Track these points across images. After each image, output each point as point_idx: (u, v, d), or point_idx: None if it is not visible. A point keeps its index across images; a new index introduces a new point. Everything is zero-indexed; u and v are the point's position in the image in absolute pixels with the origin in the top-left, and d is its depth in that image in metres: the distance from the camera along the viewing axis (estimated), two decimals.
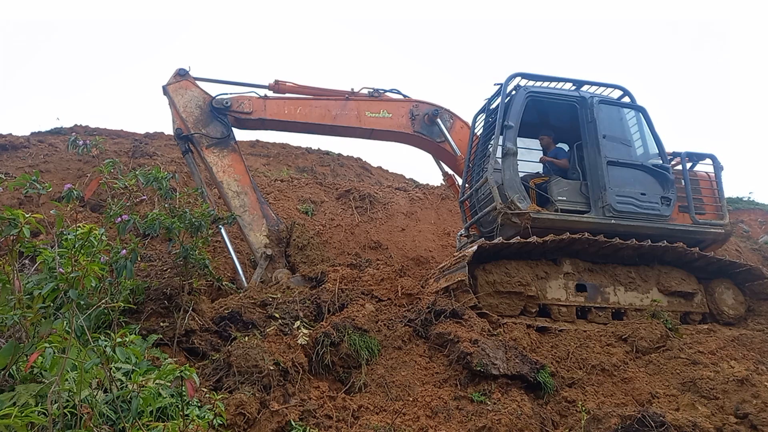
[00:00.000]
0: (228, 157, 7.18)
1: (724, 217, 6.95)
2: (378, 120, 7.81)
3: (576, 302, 6.09)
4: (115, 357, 2.72)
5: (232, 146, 7.28)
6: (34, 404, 2.65)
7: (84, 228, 2.85)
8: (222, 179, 7.07)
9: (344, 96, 7.79)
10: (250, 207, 7.02)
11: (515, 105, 6.75)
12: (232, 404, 3.63)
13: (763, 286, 6.68)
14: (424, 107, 8.05)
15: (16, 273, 2.86)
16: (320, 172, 15.14)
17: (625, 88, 7.34)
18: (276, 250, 6.95)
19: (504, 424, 3.90)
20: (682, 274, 6.58)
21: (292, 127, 7.81)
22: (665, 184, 6.70)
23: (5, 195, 8.47)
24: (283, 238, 7.11)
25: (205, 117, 7.27)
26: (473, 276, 5.92)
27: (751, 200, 15.83)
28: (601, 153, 6.57)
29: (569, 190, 6.64)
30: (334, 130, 7.85)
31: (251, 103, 7.44)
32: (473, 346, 4.66)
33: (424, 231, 10.86)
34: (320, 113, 7.63)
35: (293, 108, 7.59)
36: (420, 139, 8.01)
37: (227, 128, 7.32)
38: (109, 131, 14.20)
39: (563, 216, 6.36)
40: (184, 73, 7.40)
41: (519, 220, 6.19)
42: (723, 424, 4.01)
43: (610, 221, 6.35)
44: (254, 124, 7.67)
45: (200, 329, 4.85)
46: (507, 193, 6.33)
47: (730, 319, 6.51)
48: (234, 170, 7.12)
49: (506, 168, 6.47)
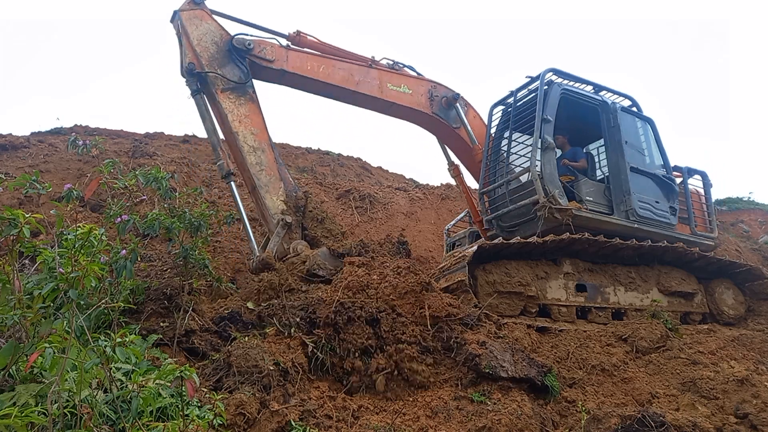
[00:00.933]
0: (245, 106, 6.32)
1: (714, 230, 7.50)
2: (399, 94, 7.35)
3: (576, 302, 6.09)
4: (115, 357, 2.72)
5: (250, 95, 6.40)
6: (34, 404, 2.65)
7: (84, 228, 2.85)
8: (237, 130, 6.18)
9: (367, 62, 7.29)
10: (268, 166, 6.18)
11: (551, 100, 6.69)
12: (232, 404, 3.63)
13: (763, 286, 6.70)
14: (442, 90, 7.72)
15: (16, 273, 2.86)
16: (320, 172, 15.15)
17: (633, 98, 7.47)
18: (294, 219, 6.11)
19: (504, 424, 3.90)
20: (682, 274, 6.60)
21: (312, 85, 7.03)
22: (671, 194, 6.96)
23: (5, 195, 8.47)
24: (301, 206, 6.26)
25: (222, 56, 6.33)
26: (473, 276, 5.91)
27: (751, 200, 15.85)
28: (625, 158, 6.69)
29: (595, 191, 6.71)
30: (354, 96, 7.21)
31: (274, 50, 6.65)
32: (481, 348, 4.65)
33: (424, 231, 10.87)
34: (343, 76, 6.98)
35: (316, 65, 6.85)
36: (437, 122, 7.67)
37: (246, 73, 6.42)
38: (109, 131, 14.19)
39: (596, 216, 6.42)
40: (200, 2, 6.42)
41: (560, 215, 6.10)
42: (723, 424, 4.01)
43: (634, 225, 6.48)
44: (273, 75, 6.77)
45: (200, 329, 4.85)
46: (548, 187, 6.24)
47: (730, 319, 6.52)
48: (251, 122, 6.28)
49: (546, 162, 6.38)
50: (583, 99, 7.07)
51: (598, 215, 6.44)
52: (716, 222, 7.82)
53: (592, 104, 7.06)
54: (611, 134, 6.86)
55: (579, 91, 7.12)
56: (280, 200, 6.11)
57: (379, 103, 7.33)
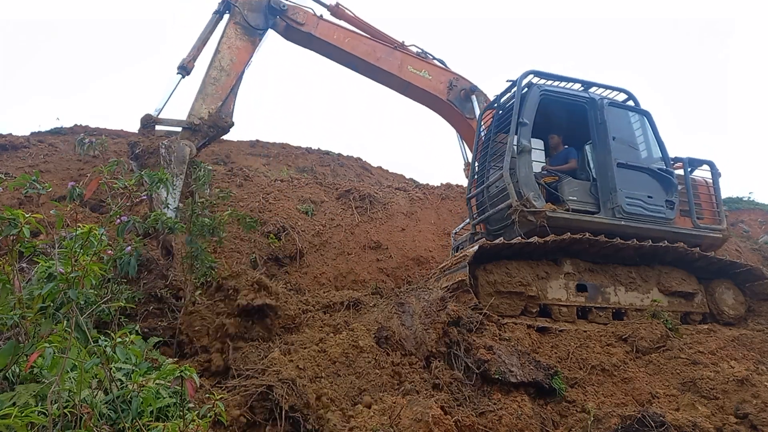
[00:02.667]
0: (242, 41, 7.14)
1: (722, 222, 7.09)
2: (417, 77, 7.91)
3: (576, 302, 6.09)
4: (115, 357, 2.71)
5: (254, 39, 7.26)
6: (34, 404, 2.64)
7: (84, 228, 2.84)
8: (222, 50, 7.02)
9: (394, 45, 7.91)
10: (221, 85, 6.98)
11: (529, 102, 6.70)
12: (232, 405, 3.63)
13: (763, 287, 6.69)
14: (464, 82, 8.10)
15: (16, 273, 2.86)
16: (320, 172, 15.15)
17: (629, 91, 7.35)
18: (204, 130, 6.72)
19: (504, 424, 3.90)
20: (682, 274, 6.58)
21: (336, 53, 7.93)
22: (669, 188, 6.77)
23: (5, 195, 8.48)
24: (220, 126, 6.88)
25: (258, 5, 7.34)
26: (474, 276, 5.91)
27: (751, 200, 15.84)
28: (611, 155, 6.61)
29: (579, 190, 6.67)
30: (373, 70, 7.92)
31: (306, 16, 7.67)
32: (489, 352, 4.64)
33: (424, 231, 10.86)
34: (366, 50, 7.76)
35: (343, 36, 7.74)
36: (450, 109, 8.06)
37: (265, 25, 7.40)
38: (109, 131, 14.19)
39: (576, 216, 6.38)
40: None
41: (535, 218, 6.15)
42: (723, 424, 4.01)
43: (620, 222, 6.39)
44: (302, 38, 7.77)
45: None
46: (522, 190, 6.28)
47: (730, 319, 6.51)
48: (237, 52, 7.07)
49: (521, 165, 6.41)
50: (567, 98, 7.02)
51: (580, 215, 6.38)
52: (725, 213, 7.38)
53: (580, 102, 7.01)
54: (598, 131, 6.80)
55: (562, 90, 7.06)
56: (207, 111, 6.68)
57: (396, 81, 7.94)
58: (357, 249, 10.02)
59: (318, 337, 4.98)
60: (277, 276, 8.93)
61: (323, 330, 5.23)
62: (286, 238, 9.69)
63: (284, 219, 10.09)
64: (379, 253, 10.04)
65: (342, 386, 4.19)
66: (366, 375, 4.39)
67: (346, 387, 4.19)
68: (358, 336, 4.80)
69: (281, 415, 3.57)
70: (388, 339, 4.81)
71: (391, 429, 3.74)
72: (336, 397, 4.00)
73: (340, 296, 6.08)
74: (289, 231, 9.80)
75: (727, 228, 7.16)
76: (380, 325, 4.94)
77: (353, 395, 4.13)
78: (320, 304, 5.88)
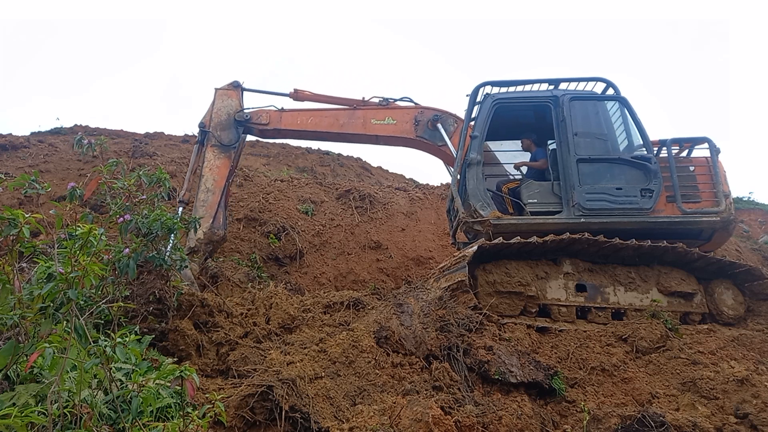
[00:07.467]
0: (220, 161, 8.05)
1: (720, 203, 6.42)
2: (382, 127, 8.31)
3: (576, 302, 6.09)
4: (115, 357, 2.71)
5: (230, 154, 8.17)
6: (34, 404, 2.64)
7: (84, 228, 2.84)
8: (205, 174, 7.94)
9: (353, 104, 8.41)
10: (209, 205, 7.76)
11: (482, 114, 6.88)
12: (232, 405, 3.63)
13: (763, 287, 6.67)
14: (429, 113, 8.28)
15: (16, 273, 2.86)
16: (320, 172, 15.16)
17: (607, 79, 7.17)
18: (202, 249, 7.46)
19: (504, 424, 3.90)
20: (681, 274, 6.57)
21: (305, 135, 8.74)
22: (647, 175, 6.47)
23: (5, 195, 8.48)
24: (214, 240, 7.61)
25: (226, 123, 8.25)
26: (473, 276, 5.91)
27: (751, 200, 15.82)
28: (571, 151, 6.54)
29: (541, 191, 6.62)
30: (342, 137, 8.52)
31: (269, 116, 8.40)
32: (489, 353, 4.65)
33: (424, 231, 10.87)
34: (329, 122, 8.40)
35: (305, 118, 8.46)
36: (423, 144, 8.32)
37: (237, 139, 8.26)
38: (109, 131, 14.21)
39: (527, 219, 6.38)
40: (237, 85, 8.45)
41: (481, 227, 6.34)
42: (723, 424, 4.01)
43: (580, 220, 6.26)
44: (272, 134, 8.71)
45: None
46: (471, 201, 6.46)
47: (730, 319, 6.51)
48: (217, 171, 7.96)
49: (470, 178, 6.60)
50: (526, 102, 7.05)
51: (534, 217, 6.36)
52: (726, 192, 6.50)
53: (543, 102, 6.95)
54: (559, 128, 6.73)
55: (518, 95, 7.06)
56: (201, 231, 7.43)
57: (365, 138, 8.50)
58: (357, 249, 10.03)
59: (318, 337, 4.99)
60: (277, 276, 8.94)
61: (323, 330, 5.24)
62: (286, 238, 9.70)
63: (284, 219, 10.10)
64: (379, 253, 10.05)
65: (342, 386, 4.20)
66: (366, 375, 4.40)
67: (346, 387, 4.20)
68: (358, 336, 4.82)
69: (281, 415, 3.57)
70: (388, 339, 4.82)
71: (391, 429, 3.74)
72: (336, 397, 4.01)
73: (340, 296, 6.09)
74: (289, 231, 9.81)
75: (728, 209, 6.38)
76: (380, 325, 4.95)
77: (353, 395, 4.14)
78: (320, 304, 5.89)
